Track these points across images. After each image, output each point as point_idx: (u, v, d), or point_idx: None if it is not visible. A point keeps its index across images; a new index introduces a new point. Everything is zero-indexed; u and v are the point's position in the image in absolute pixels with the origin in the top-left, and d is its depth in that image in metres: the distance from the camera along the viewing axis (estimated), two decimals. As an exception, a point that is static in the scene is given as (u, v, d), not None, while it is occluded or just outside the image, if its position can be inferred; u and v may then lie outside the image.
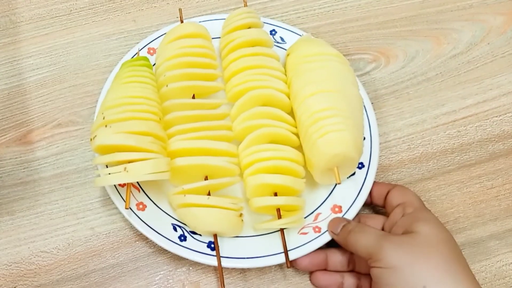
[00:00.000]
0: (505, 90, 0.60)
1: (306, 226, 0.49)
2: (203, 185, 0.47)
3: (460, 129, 0.57)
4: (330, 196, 0.50)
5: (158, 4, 0.64)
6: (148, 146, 0.45)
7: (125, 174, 0.44)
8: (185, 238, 0.48)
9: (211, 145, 0.48)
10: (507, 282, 0.50)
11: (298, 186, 0.47)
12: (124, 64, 0.52)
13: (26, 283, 0.48)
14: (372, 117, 0.53)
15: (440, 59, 0.61)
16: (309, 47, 0.52)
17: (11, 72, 0.58)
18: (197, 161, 0.47)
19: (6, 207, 0.51)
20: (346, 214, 0.49)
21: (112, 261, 0.49)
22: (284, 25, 0.59)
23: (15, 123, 0.55)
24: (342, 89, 0.49)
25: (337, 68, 0.50)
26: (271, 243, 0.48)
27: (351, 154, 0.46)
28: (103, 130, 0.45)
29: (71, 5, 0.63)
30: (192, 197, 0.46)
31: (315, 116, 0.47)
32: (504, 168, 0.55)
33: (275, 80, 0.51)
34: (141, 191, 0.49)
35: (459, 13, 0.65)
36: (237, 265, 0.47)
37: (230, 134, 0.50)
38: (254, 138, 0.49)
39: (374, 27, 0.63)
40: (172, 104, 0.50)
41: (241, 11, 0.55)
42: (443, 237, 0.43)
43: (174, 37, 0.53)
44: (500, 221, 0.53)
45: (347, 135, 0.46)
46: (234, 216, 0.47)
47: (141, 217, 0.48)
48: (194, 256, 0.46)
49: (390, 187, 0.50)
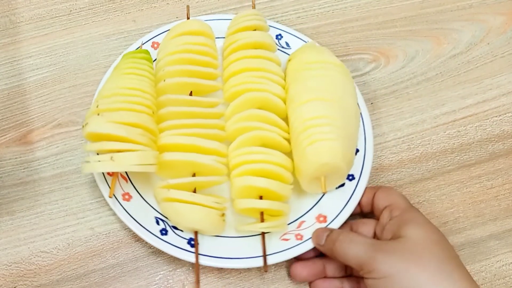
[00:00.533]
0: (505, 90, 0.60)
1: (289, 232, 0.48)
2: (188, 182, 0.47)
3: (460, 129, 0.57)
4: (316, 205, 0.50)
5: (158, 4, 0.64)
6: (137, 137, 0.46)
7: (110, 163, 0.44)
8: (167, 232, 0.48)
9: (201, 142, 0.48)
10: (507, 282, 0.50)
11: (284, 192, 0.47)
12: (125, 56, 0.52)
13: (26, 283, 0.48)
14: (369, 130, 0.52)
15: (440, 59, 0.61)
16: (311, 54, 0.52)
17: (11, 72, 0.58)
18: (185, 157, 0.47)
19: (6, 207, 0.51)
20: (331, 224, 0.48)
21: (112, 261, 0.49)
22: (291, 30, 0.59)
23: (15, 123, 0.55)
24: (338, 99, 0.48)
25: (336, 78, 0.50)
26: (252, 246, 0.47)
27: (339, 164, 0.46)
28: (95, 118, 0.46)
29: (71, 5, 0.63)
30: (176, 192, 0.46)
31: (307, 123, 0.47)
32: (504, 168, 0.55)
33: (273, 84, 0.51)
34: (129, 182, 0.50)
35: (459, 13, 0.65)
36: (215, 264, 0.46)
37: (222, 134, 0.50)
38: (245, 140, 0.49)
39: (374, 27, 0.63)
40: (167, 99, 0.50)
41: (248, 12, 0.55)
42: (434, 238, 0.43)
43: (177, 33, 0.54)
44: (500, 221, 0.53)
45: (336, 145, 0.46)
46: (215, 215, 0.47)
47: (125, 207, 0.48)
48: (173, 251, 0.46)
49: (375, 190, 0.49)
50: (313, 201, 0.50)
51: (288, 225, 0.49)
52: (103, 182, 0.49)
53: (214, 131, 0.49)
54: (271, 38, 0.55)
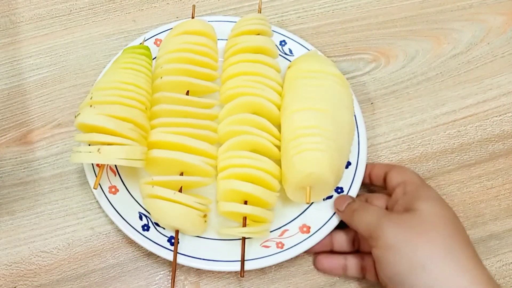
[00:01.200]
0: (505, 90, 0.60)
1: (270, 240, 0.48)
2: (173, 180, 0.47)
3: (460, 129, 0.57)
4: (301, 215, 0.49)
5: (158, 4, 0.64)
6: (126, 132, 0.46)
7: (97, 154, 0.45)
8: (148, 228, 0.48)
9: (190, 142, 0.48)
10: (507, 282, 0.50)
11: (269, 199, 0.47)
12: (125, 50, 0.53)
13: (26, 283, 0.48)
14: (363, 144, 0.52)
15: (440, 59, 0.61)
16: (310, 63, 0.51)
17: (11, 72, 0.58)
18: (172, 155, 0.47)
19: (6, 207, 0.51)
20: (313, 236, 0.48)
21: (112, 261, 0.49)
22: (296, 37, 0.58)
23: (15, 123, 0.55)
24: (332, 110, 0.48)
25: (333, 89, 0.49)
26: (232, 250, 0.47)
27: (326, 175, 0.45)
28: (87, 110, 0.46)
29: (71, 5, 0.63)
30: (159, 189, 0.46)
31: (297, 132, 0.47)
32: (504, 168, 0.55)
33: (269, 90, 0.51)
34: (117, 175, 0.50)
35: (459, 13, 0.65)
36: (193, 264, 0.46)
37: (214, 136, 0.50)
38: (234, 143, 0.49)
39: (374, 27, 0.63)
40: (162, 96, 0.50)
41: (253, 16, 0.55)
42: (444, 214, 0.43)
43: (179, 31, 0.54)
44: (500, 221, 0.53)
45: (324, 156, 0.45)
46: (196, 216, 0.46)
47: (110, 200, 0.49)
48: (153, 247, 0.47)
49: (387, 168, 0.49)
50: (298, 210, 0.50)
51: (271, 232, 0.49)
52: (91, 173, 0.50)
53: (205, 132, 0.49)
54: (273, 44, 0.54)
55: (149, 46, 0.55)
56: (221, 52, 0.56)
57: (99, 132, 0.46)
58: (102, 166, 0.48)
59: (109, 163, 0.48)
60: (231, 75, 0.52)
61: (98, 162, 0.46)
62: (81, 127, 0.47)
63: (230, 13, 0.63)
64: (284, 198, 0.49)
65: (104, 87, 0.48)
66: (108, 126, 0.45)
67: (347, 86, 0.51)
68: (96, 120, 0.46)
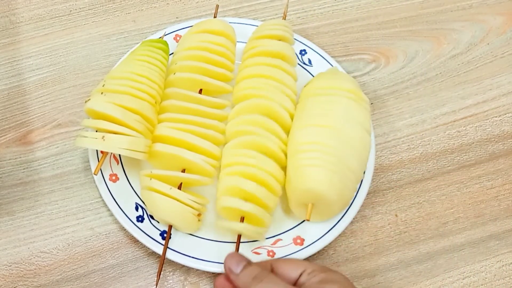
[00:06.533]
0: (505, 90, 0.60)
1: (262, 247, 0.48)
2: (172, 175, 0.47)
3: (460, 129, 0.57)
4: (298, 226, 0.49)
5: (158, 5, 0.64)
6: (132, 123, 0.47)
7: (101, 141, 0.46)
8: (143, 220, 0.48)
9: (193, 140, 0.48)
10: (507, 282, 0.50)
11: (270, 202, 0.46)
12: (144, 43, 0.54)
13: (26, 283, 0.48)
14: (371, 165, 0.51)
15: (440, 59, 0.61)
16: (324, 80, 0.50)
17: (11, 72, 0.58)
18: (173, 150, 0.47)
19: (6, 208, 0.51)
20: (306, 249, 0.47)
21: (112, 261, 0.49)
22: (317, 48, 0.58)
23: (15, 124, 0.55)
24: (340, 127, 0.46)
25: (344, 105, 0.47)
26: (223, 252, 0.46)
27: (326, 193, 0.44)
28: (98, 96, 0.47)
29: (71, 5, 0.63)
30: (156, 182, 0.46)
31: (298, 148, 0.46)
32: (504, 168, 0.55)
33: (282, 95, 0.50)
34: (120, 164, 0.51)
35: (459, 13, 0.65)
36: (182, 261, 0.47)
37: (219, 137, 0.50)
38: (242, 142, 0.48)
39: (374, 27, 0.63)
40: (173, 92, 0.51)
41: (276, 22, 0.55)
42: None
43: (199, 29, 0.54)
44: (500, 221, 0.53)
45: (321, 172, 0.44)
46: (189, 213, 0.46)
47: (109, 188, 0.49)
48: (144, 239, 0.47)
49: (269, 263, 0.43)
50: (295, 221, 0.49)
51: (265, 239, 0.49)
52: (94, 159, 0.50)
53: (211, 132, 0.49)
54: (292, 51, 0.53)
55: (169, 41, 0.55)
56: (239, 54, 0.56)
57: (106, 119, 0.46)
58: (105, 153, 0.49)
59: (111, 152, 0.48)
60: (245, 76, 0.52)
61: (100, 149, 0.47)
62: (89, 113, 0.48)
63: (230, 14, 0.63)
64: (283, 207, 0.49)
65: (117, 76, 0.49)
66: (115, 115, 0.46)
67: (364, 101, 0.48)
68: (105, 107, 0.46)
